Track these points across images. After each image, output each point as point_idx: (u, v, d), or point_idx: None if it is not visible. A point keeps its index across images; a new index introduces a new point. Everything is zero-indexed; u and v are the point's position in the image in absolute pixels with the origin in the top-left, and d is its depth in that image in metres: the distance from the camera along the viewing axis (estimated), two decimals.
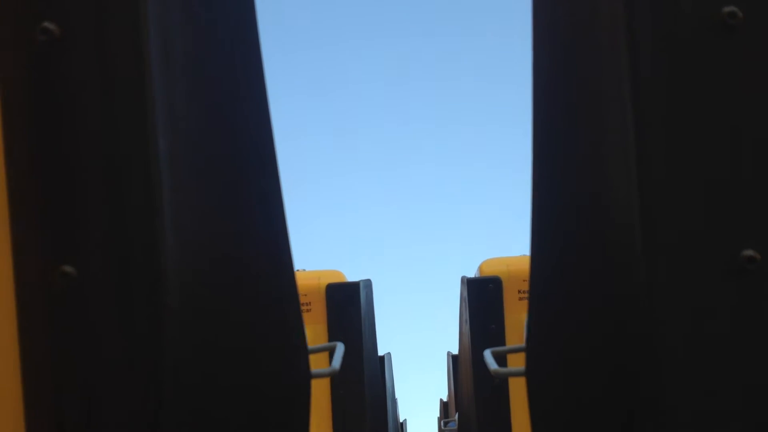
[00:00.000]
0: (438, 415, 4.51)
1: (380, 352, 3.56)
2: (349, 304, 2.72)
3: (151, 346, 0.74)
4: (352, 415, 2.70)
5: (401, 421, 4.88)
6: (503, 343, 2.65)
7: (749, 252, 0.80)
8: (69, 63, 0.74)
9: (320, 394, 2.68)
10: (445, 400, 4.46)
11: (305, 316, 2.79)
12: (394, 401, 4.34)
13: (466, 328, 2.81)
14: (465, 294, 2.78)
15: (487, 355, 1.04)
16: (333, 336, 2.72)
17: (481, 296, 2.72)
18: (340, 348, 1.05)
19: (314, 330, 2.68)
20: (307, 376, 0.91)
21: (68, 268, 0.74)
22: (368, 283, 2.87)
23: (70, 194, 0.75)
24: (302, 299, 2.71)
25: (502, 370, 1.02)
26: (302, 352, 0.92)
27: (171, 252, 0.75)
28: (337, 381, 2.66)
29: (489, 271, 2.78)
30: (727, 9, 0.78)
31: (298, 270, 2.92)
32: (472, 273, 2.89)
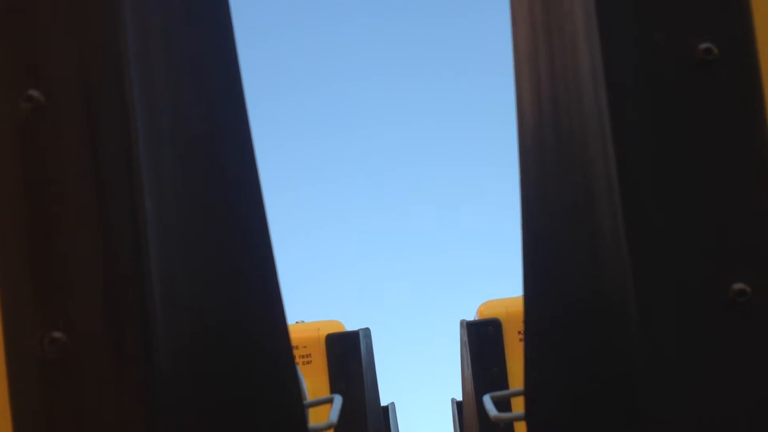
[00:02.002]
0: None
1: (384, 402, 3.53)
2: (349, 355, 2.71)
3: (144, 409, 0.73)
4: None
5: None
6: (506, 386, 2.63)
7: (739, 285, 0.79)
8: (55, 128, 0.75)
9: None
10: None
11: (305, 369, 2.77)
12: None
13: (468, 372, 2.78)
14: (465, 338, 2.77)
15: (486, 400, 1.03)
16: (334, 387, 2.69)
17: (482, 339, 2.70)
18: (337, 400, 1.05)
19: (315, 382, 2.65)
20: (303, 430, 0.90)
21: (58, 334, 0.74)
22: (367, 332, 2.86)
23: (60, 264, 0.75)
24: (302, 351, 2.69)
25: (502, 415, 1.01)
26: (298, 406, 0.91)
27: (161, 315, 0.75)
28: (342, 430, 2.63)
29: (488, 314, 2.77)
30: (702, 46, 0.79)
31: (297, 322, 2.91)
32: (470, 316, 2.88)
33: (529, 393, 0.96)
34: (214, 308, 0.87)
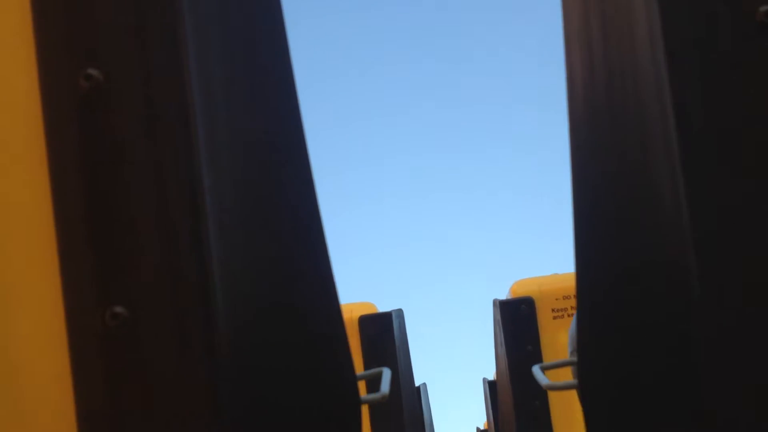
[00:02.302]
0: None
1: (417, 383, 3.54)
2: (382, 336, 2.71)
3: (205, 385, 0.73)
4: None
5: None
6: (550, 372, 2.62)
7: None
8: (113, 107, 0.75)
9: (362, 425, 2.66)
10: (482, 428, 4.41)
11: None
12: None
13: (502, 350, 2.78)
14: (498, 317, 2.76)
15: (536, 370, 1.03)
16: (369, 368, 2.70)
17: (515, 318, 2.70)
18: (386, 373, 1.05)
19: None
20: (357, 403, 0.90)
21: (119, 309, 0.74)
22: (400, 313, 2.86)
23: (121, 239, 0.76)
24: None
25: (555, 384, 1.01)
26: (352, 379, 0.92)
27: (220, 293, 0.75)
28: (377, 413, 2.64)
29: (521, 292, 2.77)
30: (763, 8, 0.77)
31: None
32: (503, 295, 2.87)
33: (582, 361, 0.95)
34: (270, 287, 0.87)
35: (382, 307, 2.91)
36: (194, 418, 0.74)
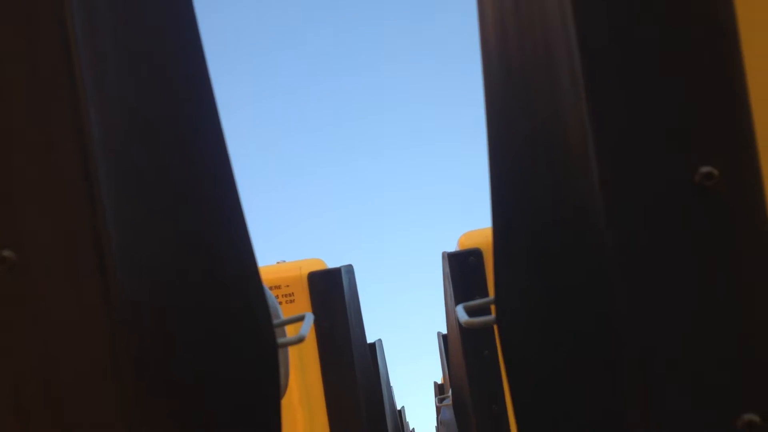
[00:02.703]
0: (434, 398, 4.51)
1: (370, 340, 3.55)
2: (332, 291, 2.71)
3: (101, 327, 0.71)
4: (347, 403, 2.68)
5: (399, 408, 4.87)
6: (489, 314, 2.64)
7: (707, 168, 0.78)
8: None
9: (313, 384, 2.66)
10: (440, 382, 4.46)
11: (288, 307, 2.77)
12: (390, 389, 4.32)
13: (452, 303, 2.79)
14: (447, 269, 2.77)
15: (459, 309, 1.03)
16: (318, 325, 2.70)
17: (463, 269, 2.70)
18: (308, 317, 1.04)
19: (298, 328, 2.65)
20: (272, 344, 0.89)
21: (7, 253, 0.72)
22: (350, 269, 2.85)
23: (6, 180, 0.73)
24: (285, 290, 2.69)
25: (473, 320, 1.01)
26: (266, 322, 0.90)
27: (114, 231, 0.73)
28: (329, 370, 2.64)
29: (468, 244, 2.77)
30: (703, 170, 0.77)
31: (278, 262, 2.90)
32: (452, 248, 2.87)
33: (499, 297, 0.95)
34: (172, 223, 0.85)
35: (333, 265, 2.89)
36: (90, 367, 0.72)
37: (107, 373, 0.71)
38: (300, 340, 0.97)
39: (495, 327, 2.73)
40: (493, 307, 1.43)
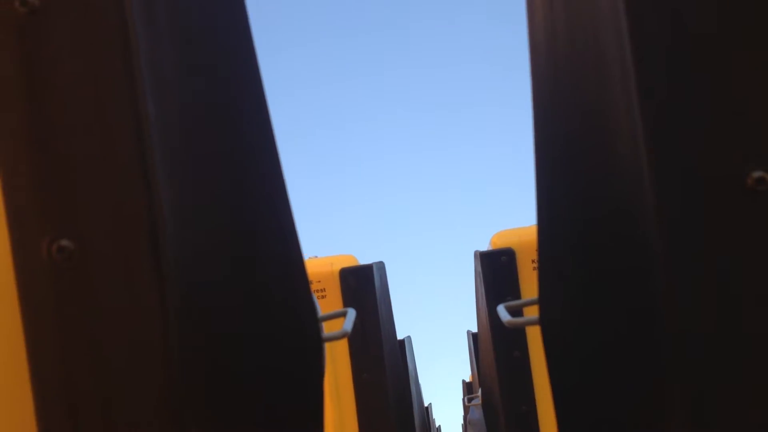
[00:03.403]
0: (462, 396, 4.50)
1: (400, 336, 3.55)
2: (363, 288, 2.71)
3: (155, 318, 0.72)
4: (376, 397, 2.69)
5: (426, 405, 4.87)
6: (521, 315, 2.63)
7: (759, 173, 0.78)
8: (50, 35, 0.73)
9: (343, 379, 2.67)
10: (468, 380, 4.45)
11: (320, 303, 2.78)
12: (418, 386, 4.33)
13: (483, 302, 2.79)
14: (479, 268, 2.76)
15: (501, 309, 1.03)
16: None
17: (495, 269, 2.70)
18: (351, 313, 1.05)
19: (335, 323, 2.67)
20: (318, 339, 0.90)
21: (65, 242, 0.73)
22: (381, 266, 2.86)
23: (64, 170, 0.74)
24: (316, 286, 2.70)
25: (516, 320, 1.01)
26: (312, 318, 0.91)
27: (171, 226, 0.74)
28: (359, 365, 2.65)
29: (501, 243, 2.76)
30: (756, 174, 0.77)
31: (310, 257, 2.92)
32: (484, 247, 2.87)
33: (543, 298, 0.95)
34: (224, 220, 0.86)
35: (365, 261, 2.90)
36: (144, 354, 0.73)
37: (157, 365, 0.72)
38: (344, 335, 0.98)
39: (526, 329, 2.72)
40: (526, 309, 1.42)
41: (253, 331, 0.85)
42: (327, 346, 2.91)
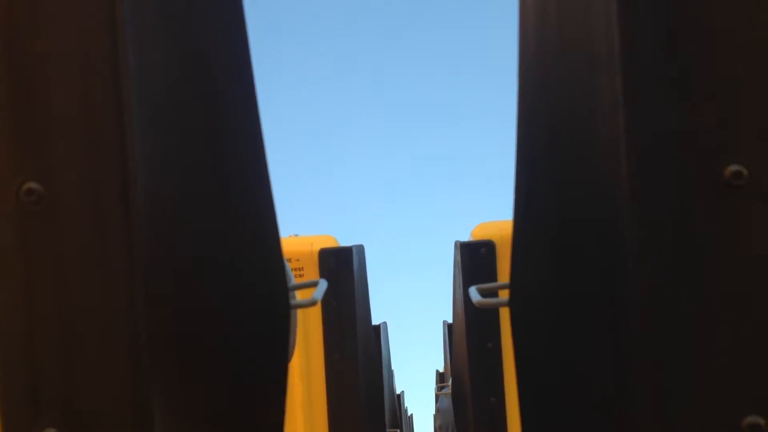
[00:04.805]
0: (435, 386, 4.52)
1: (376, 322, 3.56)
2: (341, 270, 2.71)
3: (121, 264, 0.72)
4: (347, 381, 2.69)
5: (398, 393, 4.88)
6: (497, 309, 2.64)
7: (735, 167, 0.78)
8: None
9: (315, 359, 2.67)
10: (441, 371, 4.47)
11: (297, 282, 2.78)
12: (391, 373, 4.34)
13: (460, 292, 2.79)
14: (458, 258, 2.77)
15: (472, 290, 1.03)
16: (326, 302, 2.71)
17: (474, 260, 2.70)
18: (322, 283, 1.05)
19: (307, 294, 2.66)
20: (286, 306, 0.90)
21: (34, 185, 0.72)
22: (361, 249, 2.86)
23: (37, 113, 0.73)
24: (295, 264, 2.70)
25: (485, 301, 1.01)
26: (282, 283, 0.91)
27: (142, 171, 0.74)
28: (331, 345, 2.65)
29: (482, 235, 2.77)
30: (732, 168, 0.77)
31: (290, 235, 2.91)
32: (465, 238, 2.87)
33: (514, 280, 0.95)
34: (198, 176, 0.85)
35: (345, 243, 2.90)
36: (110, 302, 0.73)
37: (123, 313, 0.72)
38: (313, 303, 0.97)
39: (500, 321, 2.72)
40: (502, 293, 1.43)
41: (220, 290, 0.84)
42: (301, 326, 2.91)
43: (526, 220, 0.99)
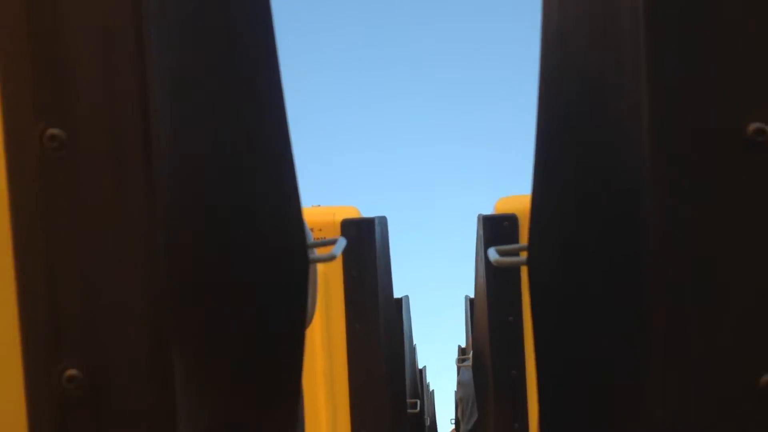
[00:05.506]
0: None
1: (398, 295, 3.57)
2: (363, 241, 2.72)
3: (143, 208, 0.73)
4: (368, 352, 2.70)
5: (420, 368, 4.90)
6: (519, 282, 2.63)
7: (757, 125, 0.77)
8: None
9: (336, 328, 2.69)
10: (463, 346, 4.48)
11: (319, 252, 2.79)
12: (413, 347, 4.35)
13: (482, 267, 2.79)
14: (481, 232, 2.76)
15: (491, 251, 1.03)
16: (348, 272, 2.72)
17: (497, 234, 2.69)
18: (341, 241, 1.05)
19: (329, 265, 2.68)
20: (305, 261, 0.90)
21: (55, 131, 0.73)
22: (383, 221, 2.86)
23: (61, 60, 0.74)
24: (317, 234, 2.71)
25: (503, 259, 1.01)
26: (301, 238, 0.91)
27: (163, 117, 0.74)
28: (352, 315, 2.66)
29: (505, 209, 2.76)
30: (755, 125, 0.75)
31: (313, 206, 2.93)
32: (489, 211, 2.87)
33: (532, 243, 0.95)
34: (219, 126, 0.86)
35: (367, 215, 2.90)
36: (131, 244, 0.73)
37: (143, 258, 0.73)
38: (331, 258, 0.98)
39: (522, 295, 2.70)
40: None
41: (239, 241, 0.85)
42: (321, 296, 2.92)
43: (545, 184, 0.99)
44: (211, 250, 0.82)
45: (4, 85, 0.74)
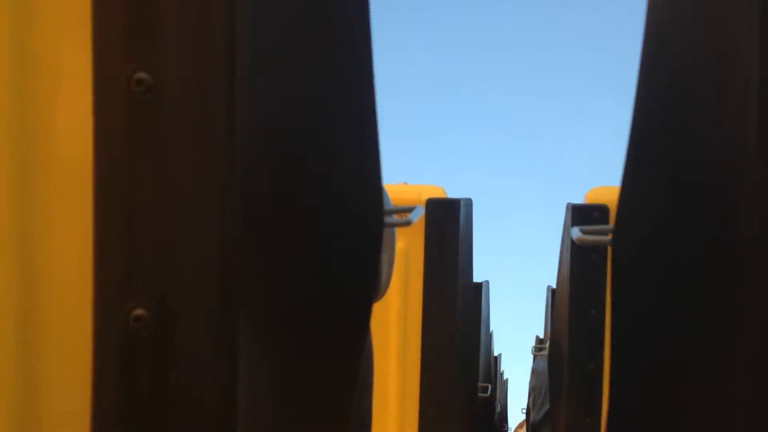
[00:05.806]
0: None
1: (478, 280, 3.53)
2: (447, 221, 2.69)
3: (224, 162, 0.73)
4: (442, 334, 2.69)
5: (495, 355, 4.85)
6: (604, 275, 2.55)
7: None
8: None
9: (413, 308, 2.68)
10: (541, 337, 4.40)
11: (402, 230, 2.78)
12: (489, 333, 4.31)
13: (567, 255, 2.72)
14: (569, 221, 2.69)
15: (574, 229, 0.99)
16: (429, 252, 2.70)
17: (586, 224, 2.62)
18: (419, 209, 1.04)
19: (411, 242, 2.67)
20: (379, 225, 0.89)
21: (143, 75, 0.74)
22: (469, 202, 2.83)
23: (152, 10, 0.75)
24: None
25: (587, 237, 0.97)
26: (378, 202, 0.90)
27: (248, 73, 0.74)
28: (430, 295, 2.65)
29: (596, 199, 2.68)
30: None
31: (399, 183, 2.92)
32: (579, 201, 2.79)
33: (619, 224, 0.91)
34: (304, 85, 0.85)
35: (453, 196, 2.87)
36: (208, 189, 0.74)
37: (218, 206, 0.73)
38: (407, 223, 0.97)
39: (606, 288, 2.63)
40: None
41: (316, 196, 0.85)
42: (401, 274, 2.90)
43: (637, 167, 0.94)
44: (286, 199, 0.82)
45: (98, 26, 0.75)
